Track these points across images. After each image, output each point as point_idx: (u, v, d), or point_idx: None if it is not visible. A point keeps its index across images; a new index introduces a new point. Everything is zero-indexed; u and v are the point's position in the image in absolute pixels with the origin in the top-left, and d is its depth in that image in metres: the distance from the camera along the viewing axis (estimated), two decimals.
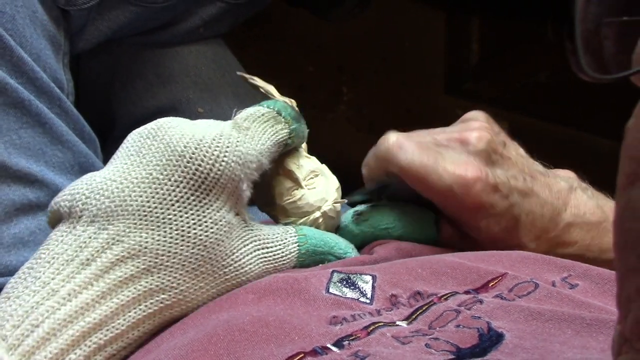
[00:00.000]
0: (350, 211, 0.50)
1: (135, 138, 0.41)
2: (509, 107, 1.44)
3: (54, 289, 0.36)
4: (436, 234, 0.50)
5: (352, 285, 0.41)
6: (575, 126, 1.45)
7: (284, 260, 0.44)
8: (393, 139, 0.47)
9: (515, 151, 0.51)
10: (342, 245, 0.46)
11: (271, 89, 0.48)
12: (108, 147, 0.68)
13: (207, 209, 0.39)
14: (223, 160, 0.40)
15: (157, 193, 0.39)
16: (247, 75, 0.50)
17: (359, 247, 0.49)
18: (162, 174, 0.39)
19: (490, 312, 0.36)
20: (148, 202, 0.38)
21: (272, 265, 0.43)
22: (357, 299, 0.40)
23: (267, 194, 0.47)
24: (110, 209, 0.38)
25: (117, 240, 0.38)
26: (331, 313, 0.38)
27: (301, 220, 0.46)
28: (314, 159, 0.48)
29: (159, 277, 0.38)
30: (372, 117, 1.41)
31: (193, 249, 0.39)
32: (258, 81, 0.49)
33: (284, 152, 0.46)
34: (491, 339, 0.34)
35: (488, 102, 1.44)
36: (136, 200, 0.38)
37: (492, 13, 1.44)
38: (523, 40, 1.38)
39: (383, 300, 0.40)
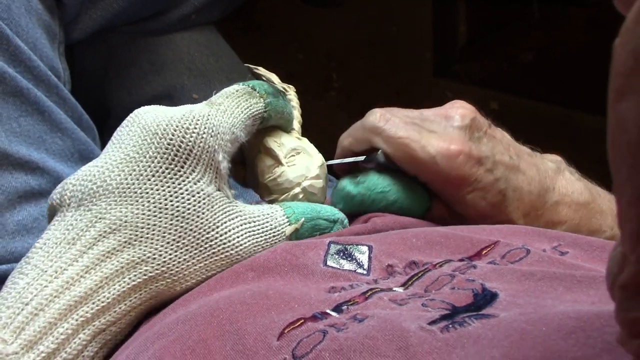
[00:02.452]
0: (346, 176, 0.51)
1: (117, 130, 0.43)
2: (498, 88, 1.45)
3: (43, 269, 0.38)
4: (429, 202, 0.51)
5: (349, 256, 0.42)
6: (564, 104, 1.46)
7: (274, 233, 0.45)
8: (380, 112, 0.50)
9: (501, 133, 0.52)
10: (328, 209, 0.48)
11: (273, 76, 0.50)
12: (104, 136, 0.69)
13: (183, 180, 0.41)
14: (193, 132, 0.41)
15: (134, 170, 0.41)
16: (251, 66, 0.52)
17: (355, 213, 0.50)
18: (138, 152, 0.41)
19: (483, 275, 0.37)
20: (126, 179, 0.40)
21: (262, 239, 0.44)
22: (354, 270, 0.41)
23: (253, 173, 0.49)
24: (93, 191, 0.40)
25: (100, 218, 0.40)
26: (329, 284, 0.39)
27: (282, 197, 0.48)
28: (304, 139, 0.50)
29: (140, 249, 0.40)
30: (363, 102, 1.41)
31: (171, 220, 0.41)
32: (261, 70, 0.51)
33: (265, 129, 0.48)
34: (485, 297, 0.35)
35: (477, 83, 1.45)
36: (115, 180, 0.40)
37: None
38: (510, 21, 1.39)
39: (379, 271, 0.41)
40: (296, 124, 0.50)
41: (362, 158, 0.51)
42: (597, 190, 0.52)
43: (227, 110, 0.44)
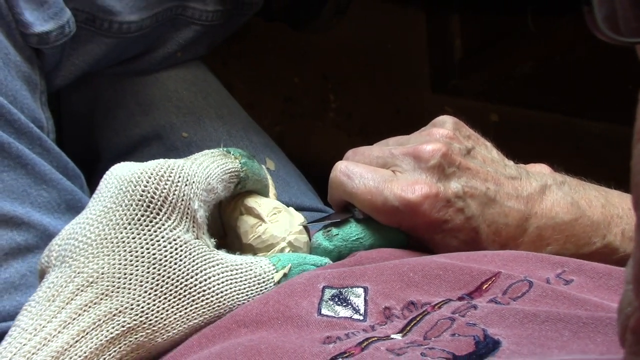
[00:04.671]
0: (319, 232, 0.50)
1: (98, 186, 0.43)
2: (497, 100, 1.44)
3: (23, 328, 0.38)
4: (406, 239, 0.50)
5: (345, 301, 0.41)
6: (565, 111, 1.46)
7: (260, 280, 0.44)
8: (340, 167, 0.49)
9: (482, 157, 0.50)
10: (313, 256, 0.47)
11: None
12: (94, 179, 0.68)
13: (159, 227, 0.40)
14: (168, 180, 0.41)
15: (111, 220, 0.40)
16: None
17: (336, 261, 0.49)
18: (114, 202, 0.40)
19: (485, 317, 0.36)
20: (103, 230, 0.40)
21: (246, 286, 0.43)
22: (350, 317, 0.40)
23: (233, 238, 0.48)
24: (74, 246, 0.40)
25: (78, 273, 0.39)
26: (324, 334, 0.38)
27: (269, 253, 0.47)
28: (280, 203, 0.49)
29: (117, 299, 0.39)
30: (362, 121, 1.41)
31: (148, 268, 0.40)
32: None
33: (244, 193, 0.48)
34: (487, 346, 0.34)
35: (475, 96, 1.44)
36: (94, 232, 0.40)
37: (472, 8, 1.45)
38: (505, 33, 1.38)
39: (377, 315, 0.40)
40: (272, 195, 0.50)
41: (337, 219, 0.50)
42: (589, 198, 0.50)
43: (203, 163, 0.44)
